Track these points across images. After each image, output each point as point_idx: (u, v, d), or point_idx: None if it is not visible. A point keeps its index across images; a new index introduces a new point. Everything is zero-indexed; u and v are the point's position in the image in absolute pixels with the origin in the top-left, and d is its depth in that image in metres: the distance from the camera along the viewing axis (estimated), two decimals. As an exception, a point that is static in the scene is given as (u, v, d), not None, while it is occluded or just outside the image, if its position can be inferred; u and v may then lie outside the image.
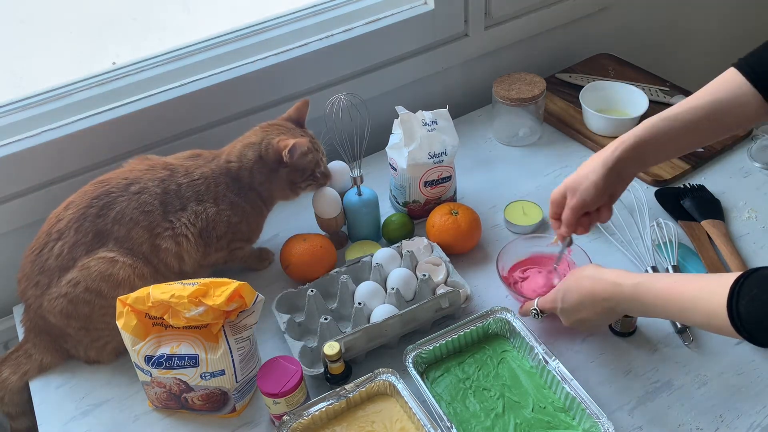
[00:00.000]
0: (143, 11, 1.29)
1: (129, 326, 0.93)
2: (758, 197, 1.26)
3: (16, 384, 1.07)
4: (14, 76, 1.23)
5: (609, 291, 0.91)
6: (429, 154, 1.19)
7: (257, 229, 1.17)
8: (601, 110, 1.40)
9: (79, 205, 1.03)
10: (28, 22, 1.20)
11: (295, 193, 1.16)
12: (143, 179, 1.05)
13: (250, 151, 1.10)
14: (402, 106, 1.21)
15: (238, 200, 1.10)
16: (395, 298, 1.07)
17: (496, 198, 1.31)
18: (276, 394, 0.92)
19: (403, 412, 0.95)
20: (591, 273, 0.95)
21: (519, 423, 0.93)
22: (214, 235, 1.09)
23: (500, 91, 1.38)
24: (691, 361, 1.01)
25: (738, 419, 0.94)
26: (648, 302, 0.87)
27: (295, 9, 1.36)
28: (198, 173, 1.08)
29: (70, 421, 1.02)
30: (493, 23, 1.50)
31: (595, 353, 1.04)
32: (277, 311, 1.09)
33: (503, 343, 1.04)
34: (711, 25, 1.98)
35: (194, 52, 1.28)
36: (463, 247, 1.19)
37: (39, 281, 1.02)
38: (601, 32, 1.71)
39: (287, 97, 1.34)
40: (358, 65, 1.39)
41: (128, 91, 1.23)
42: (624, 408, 0.96)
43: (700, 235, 1.18)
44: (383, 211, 1.27)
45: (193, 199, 1.07)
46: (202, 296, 0.90)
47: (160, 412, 1.02)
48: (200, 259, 1.09)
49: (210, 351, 0.93)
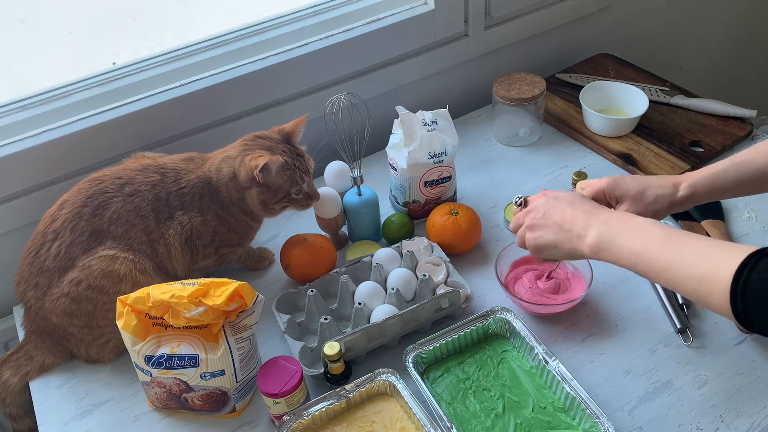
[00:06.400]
0: (143, 11, 1.29)
1: (129, 326, 0.93)
2: (758, 197, 1.25)
3: (17, 385, 1.07)
4: (14, 76, 1.23)
5: (579, 225, 0.86)
6: (429, 154, 1.19)
7: (246, 237, 1.15)
8: (601, 110, 1.40)
9: (74, 204, 1.03)
10: (27, 22, 1.20)
11: (270, 213, 1.10)
12: (136, 180, 1.05)
13: (226, 165, 1.06)
14: (402, 106, 1.20)
15: (222, 213, 1.08)
16: (395, 298, 1.07)
17: (496, 198, 1.31)
18: (276, 394, 0.92)
19: (403, 412, 0.95)
20: (571, 200, 0.90)
21: (519, 423, 0.93)
22: (200, 244, 1.08)
23: (500, 91, 1.38)
24: (691, 361, 1.01)
25: (738, 419, 0.94)
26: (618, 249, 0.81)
27: (295, 9, 1.36)
28: (185, 181, 1.06)
29: (70, 421, 1.02)
30: (493, 23, 1.50)
31: (595, 353, 1.04)
32: (277, 311, 1.09)
33: (503, 343, 1.04)
34: (711, 25, 1.98)
35: (194, 52, 1.28)
36: (463, 247, 1.19)
37: (38, 282, 1.02)
38: (601, 32, 1.71)
39: (287, 97, 1.34)
40: (358, 65, 1.39)
41: (128, 91, 1.23)
42: (624, 408, 0.97)
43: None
44: (383, 211, 1.27)
45: (179, 209, 1.05)
46: (202, 296, 0.90)
47: (160, 412, 1.02)
48: (189, 265, 1.09)
49: (210, 351, 0.93)
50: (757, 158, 0.90)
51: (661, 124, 1.41)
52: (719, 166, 0.92)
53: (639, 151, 1.35)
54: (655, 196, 0.93)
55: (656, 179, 0.95)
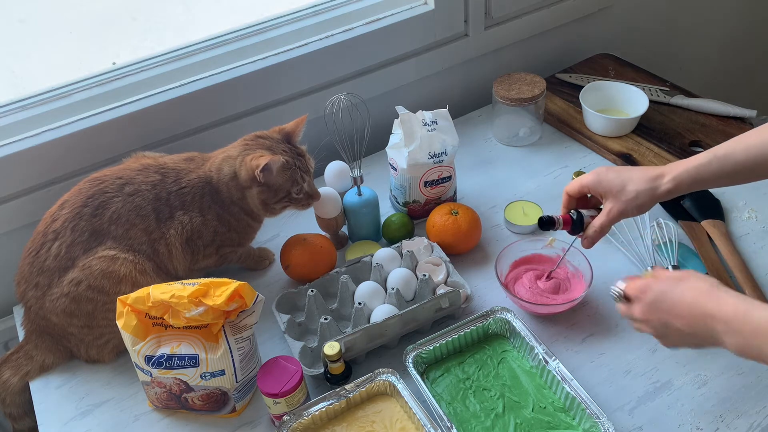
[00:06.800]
0: (143, 11, 1.29)
1: (129, 326, 0.93)
2: (758, 197, 1.26)
3: (17, 385, 1.07)
4: (14, 76, 1.23)
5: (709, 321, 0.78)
6: (429, 154, 1.19)
7: (247, 237, 1.15)
8: (601, 110, 1.40)
9: (74, 204, 1.03)
10: (27, 22, 1.20)
11: (271, 213, 1.10)
12: (137, 180, 1.05)
13: (227, 165, 1.06)
14: (402, 106, 1.20)
15: (223, 213, 1.08)
16: (395, 298, 1.07)
17: (496, 198, 1.31)
18: (276, 394, 0.92)
19: (403, 412, 0.95)
20: (702, 287, 0.81)
21: (519, 423, 0.93)
22: (200, 244, 1.08)
23: (500, 91, 1.38)
24: (691, 361, 1.01)
25: (738, 419, 0.94)
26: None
27: (295, 9, 1.36)
28: (185, 181, 1.06)
29: (70, 421, 1.02)
30: (493, 23, 1.50)
31: (595, 353, 1.04)
32: (277, 311, 1.09)
33: (503, 343, 1.04)
34: (711, 25, 1.98)
35: (194, 52, 1.28)
36: (463, 247, 1.19)
37: (39, 282, 1.02)
38: (601, 32, 1.71)
39: (287, 97, 1.34)
40: (358, 65, 1.39)
41: (128, 91, 1.23)
42: (624, 408, 0.97)
43: (700, 235, 1.18)
44: (383, 211, 1.27)
45: (180, 209, 1.05)
46: (202, 296, 0.90)
47: (160, 412, 1.02)
48: (190, 265, 1.09)
49: (210, 351, 0.93)
50: (738, 152, 0.91)
51: (661, 124, 1.41)
52: (702, 158, 0.93)
53: (639, 151, 1.35)
54: (636, 192, 0.95)
55: (637, 173, 0.96)
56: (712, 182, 0.94)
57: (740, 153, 0.91)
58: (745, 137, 0.92)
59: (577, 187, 1.00)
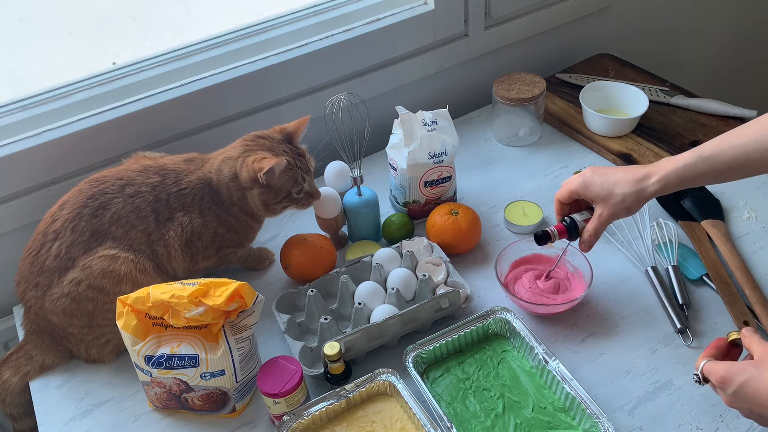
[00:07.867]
0: (143, 11, 1.29)
1: (129, 326, 0.93)
2: (758, 197, 1.26)
3: (17, 385, 1.07)
4: (14, 76, 1.23)
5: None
6: (429, 154, 1.19)
7: (247, 238, 1.15)
8: (601, 110, 1.40)
9: (74, 204, 1.03)
10: (27, 22, 1.20)
11: (272, 213, 1.10)
12: (137, 181, 1.05)
13: (227, 166, 1.06)
14: (402, 106, 1.20)
15: (223, 214, 1.08)
16: (395, 298, 1.07)
17: (496, 198, 1.31)
18: (276, 394, 0.92)
19: (403, 412, 0.95)
20: (740, 392, 0.78)
21: (519, 423, 0.93)
22: (200, 245, 1.08)
23: (500, 91, 1.38)
24: (691, 361, 1.01)
25: (738, 419, 0.94)
26: None
27: (295, 9, 1.36)
28: (185, 182, 1.06)
29: (70, 421, 1.02)
30: (493, 23, 1.50)
31: (595, 353, 1.04)
32: (277, 311, 1.09)
33: (503, 343, 1.04)
34: (711, 25, 1.98)
35: (194, 52, 1.28)
36: (463, 247, 1.19)
37: (39, 282, 1.02)
38: (601, 32, 1.71)
39: (287, 97, 1.34)
40: (358, 65, 1.39)
41: (128, 91, 1.23)
42: (624, 408, 0.97)
43: (700, 235, 1.18)
44: (383, 211, 1.27)
45: (180, 210, 1.05)
46: (202, 296, 0.90)
47: (160, 412, 1.02)
48: (189, 266, 1.09)
49: (210, 351, 0.93)
50: (725, 152, 0.91)
51: (661, 124, 1.41)
52: (689, 158, 0.93)
53: (639, 151, 1.35)
54: (623, 196, 0.95)
55: (623, 175, 0.96)
56: (699, 181, 0.94)
57: (726, 154, 0.91)
58: (730, 135, 0.92)
59: (566, 194, 1.01)
